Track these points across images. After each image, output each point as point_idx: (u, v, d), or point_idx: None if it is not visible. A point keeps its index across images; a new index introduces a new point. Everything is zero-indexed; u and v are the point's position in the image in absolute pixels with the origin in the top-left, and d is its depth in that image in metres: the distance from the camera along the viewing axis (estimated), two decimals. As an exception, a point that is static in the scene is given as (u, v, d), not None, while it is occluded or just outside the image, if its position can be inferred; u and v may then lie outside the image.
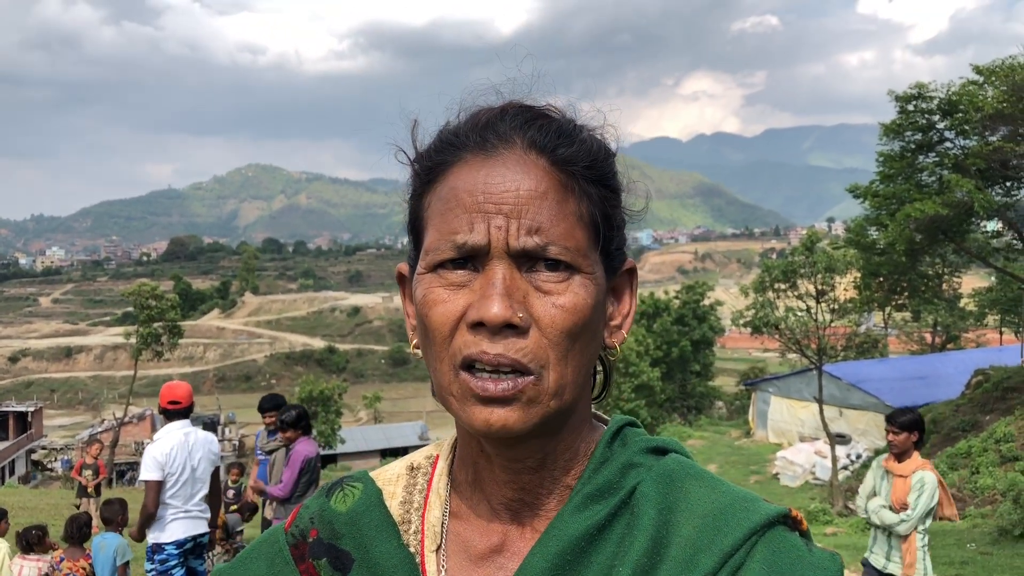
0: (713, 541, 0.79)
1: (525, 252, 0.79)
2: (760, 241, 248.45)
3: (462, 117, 0.89)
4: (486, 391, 0.77)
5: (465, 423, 0.79)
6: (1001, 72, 20.14)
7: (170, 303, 40.55)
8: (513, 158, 0.82)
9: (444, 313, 0.79)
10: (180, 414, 5.68)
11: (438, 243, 0.81)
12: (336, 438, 45.06)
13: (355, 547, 0.89)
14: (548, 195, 0.81)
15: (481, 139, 0.84)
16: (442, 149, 0.86)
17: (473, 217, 0.80)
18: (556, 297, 0.79)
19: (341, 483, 0.96)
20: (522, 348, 0.77)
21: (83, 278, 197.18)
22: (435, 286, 0.81)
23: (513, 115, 0.86)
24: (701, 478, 0.85)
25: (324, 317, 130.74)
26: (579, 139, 0.85)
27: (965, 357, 33.83)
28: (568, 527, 0.82)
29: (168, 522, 5.52)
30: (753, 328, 23.68)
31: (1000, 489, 15.32)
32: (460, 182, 0.82)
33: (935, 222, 20.56)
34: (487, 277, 0.78)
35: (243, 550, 0.97)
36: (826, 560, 0.79)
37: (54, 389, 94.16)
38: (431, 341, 0.81)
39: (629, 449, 0.88)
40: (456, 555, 0.88)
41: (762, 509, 0.81)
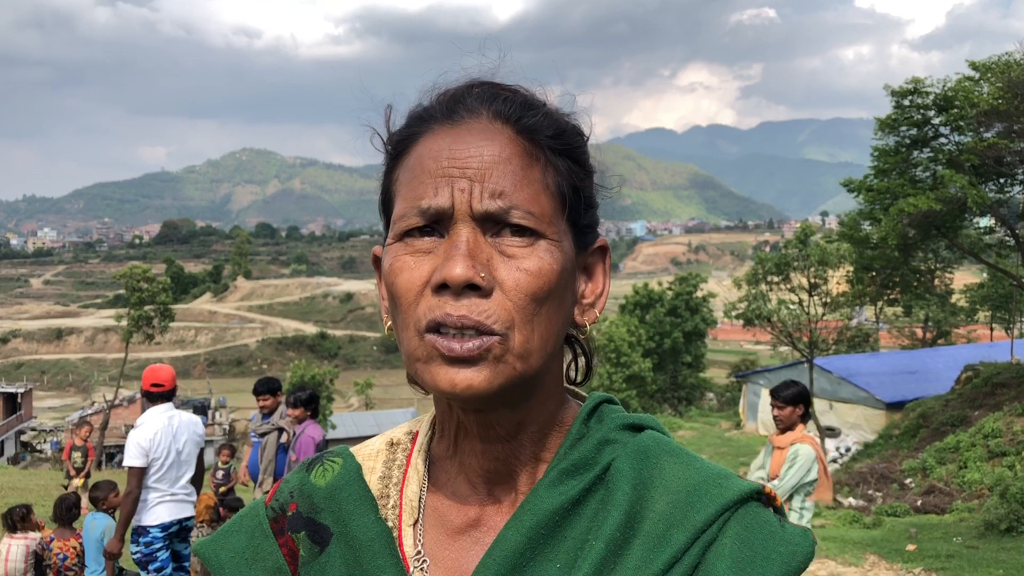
0: (686, 517, 0.79)
1: (489, 215, 0.79)
2: (754, 234, 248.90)
3: (432, 97, 0.89)
4: (451, 351, 0.76)
5: (431, 385, 0.79)
6: (997, 68, 20.15)
7: (162, 286, 40.45)
8: (479, 126, 0.83)
9: (409, 279, 0.80)
10: (163, 397, 5.63)
11: (404, 211, 0.81)
12: (327, 424, 45.07)
13: (334, 521, 0.90)
14: (512, 160, 0.81)
15: (448, 110, 0.85)
16: (409, 123, 0.87)
17: (438, 181, 0.80)
18: (520, 261, 0.79)
19: (321, 458, 0.96)
20: (485, 310, 0.77)
21: (75, 260, 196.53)
22: (402, 254, 0.81)
23: (480, 89, 0.87)
24: (676, 454, 0.85)
25: (316, 303, 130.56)
26: (544, 111, 0.86)
27: (955, 352, 33.98)
28: (543, 502, 0.83)
29: (153, 505, 5.49)
30: (745, 320, 23.73)
31: (987, 484, 15.42)
32: (425, 150, 0.83)
33: (928, 217, 20.60)
34: (451, 240, 0.79)
35: (225, 523, 0.98)
36: (798, 536, 0.80)
37: (44, 371, 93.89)
38: (398, 308, 0.81)
39: (605, 425, 0.88)
40: (433, 529, 0.88)
41: (735, 485, 0.81)
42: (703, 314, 47.78)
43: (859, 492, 18.77)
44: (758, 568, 0.77)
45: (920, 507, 15.79)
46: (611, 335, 40.51)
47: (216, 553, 0.93)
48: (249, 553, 0.92)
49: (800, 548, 0.79)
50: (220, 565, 0.92)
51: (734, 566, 0.77)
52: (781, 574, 0.77)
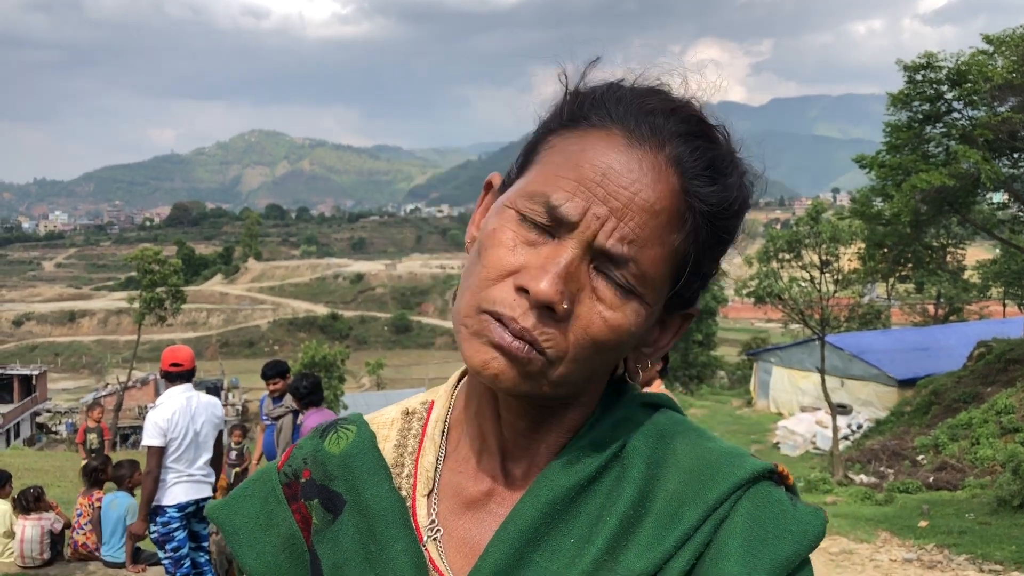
0: (698, 494, 0.79)
1: (605, 253, 0.76)
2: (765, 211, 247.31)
3: (637, 83, 0.84)
4: (502, 339, 0.76)
5: (465, 356, 0.78)
6: (1012, 42, 19.95)
7: (173, 268, 40.57)
8: (651, 160, 0.77)
9: (501, 259, 0.77)
10: (182, 377, 5.65)
11: (535, 190, 0.78)
12: (339, 404, 45.25)
13: (347, 489, 0.89)
14: (660, 216, 0.77)
15: (637, 121, 0.79)
16: (596, 107, 0.81)
17: (580, 189, 0.76)
18: (606, 309, 0.77)
19: (335, 425, 0.96)
20: (547, 333, 0.75)
21: (86, 243, 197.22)
22: (508, 228, 0.78)
23: (681, 119, 0.80)
24: (689, 434, 0.86)
25: (327, 284, 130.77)
26: (725, 182, 0.81)
27: (968, 329, 33.83)
28: (559, 478, 0.83)
29: (170, 485, 5.52)
30: (756, 298, 23.64)
31: (1000, 460, 15.38)
32: (591, 150, 0.78)
33: (941, 193, 20.46)
34: (556, 251, 0.76)
35: (236, 487, 0.97)
36: (809, 515, 0.80)
37: (58, 353, 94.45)
38: (475, 273, 0.79)
39: (624, 405, 0.88)
40: (447, 499, 0.88)
41: (747, 464, 0.81)
42: (713, 292, 47.62)
43: (871, 469, 18.77)
44: (769, 546, 0.77)
45: (932, 484, 15.78)
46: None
47: (230, 518, 0.93)
48: (263, 519, 0.92)
49: (811, 526, 0.79)
50: (234, 530, 0.92)
51: (745, 544, 0.77)
52: (792, 552, 0.77)
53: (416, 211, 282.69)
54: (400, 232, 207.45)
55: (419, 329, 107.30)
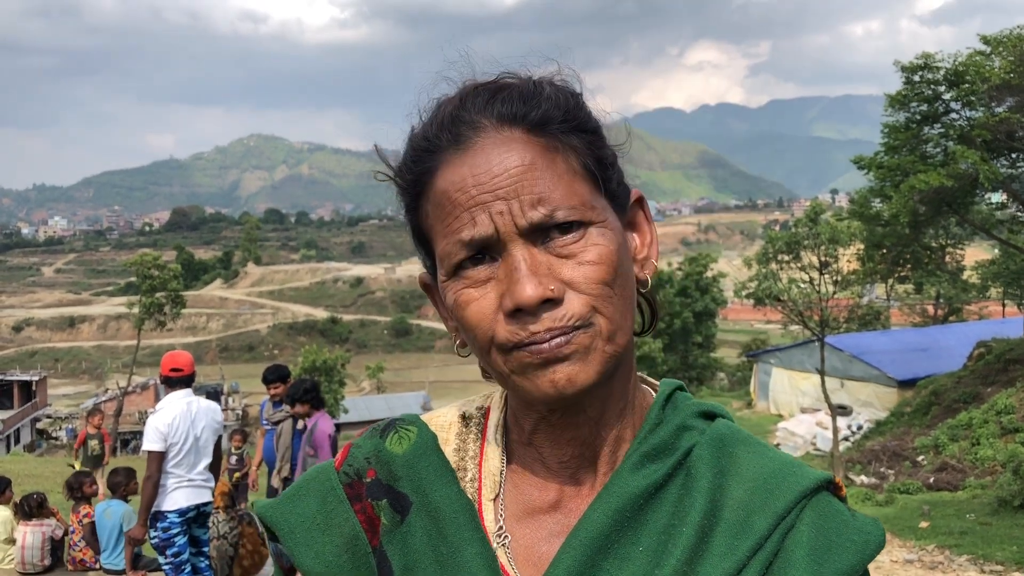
0: (766, 504, 0.82)
1: (534, 226, 0.78)
2: (764, 213, 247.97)
3: (423, 117, 0.87)
4: (542, 352, 0.77)
5: (531, 394, 0.79)
6: (1009, 42, 19.96)
7: (172, 273, 40.58)
8: (490, 142, 0.80)
9: (479, 310, 0.79)
10: (182, 382, 5.66)
11: (448, 248, 0.80)
12: (339, 408, 45.25)
13: (413, 490, 0.89)
14: (536, 163, 0.79)
15: (453, 136, 0.82)
16: (418, 159, 0.84)
17: (472, 212, 0.78)
18: (580, 256, 0.79)
19: (394, 424, 0.95)
20: (563, 315, 0.77)
21: (85, 248, 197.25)
22: (461, 288, 0.80)
23: (474, 98, 0.83)
24: (749, 443, 0.88)
25: (327, 288, 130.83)
26: (544, 96, 0.83)
27: (967, 329, 33.85)
28: (627, 484, 0.84)
29: (170, 491, 5.52)
30: (756, 299, 23.64)
31: (1000, 460, 15.39)
32: (447, 183, 0.80)
33: (939, 194, 20.47)
34: (508, 264, 0.78)
35: (290, 487, 0.95)
36: (869, 524, 0.83)
37: (58, 359, 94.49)
38: (474, 339, 0.81)
39: (681, 412, 0.90)
40: (514, 506, 0.88)
41: (810, 474, 0.84)
42: (713, 294, 47.73)
43: (871, 470, 18.77)
44: (834, 555, 0.80)
45: (933, 484, 15.78)
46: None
47: (285, 517, 0.90)
48: (321, 519, 0.89)
49: (872, 536, 0.82)
50: (290, 530, 0.90)
51: (811, 553, 0.79)
52: (855, 561, 0.80)
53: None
54: (400, 236, 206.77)
55: (419, 332, 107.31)
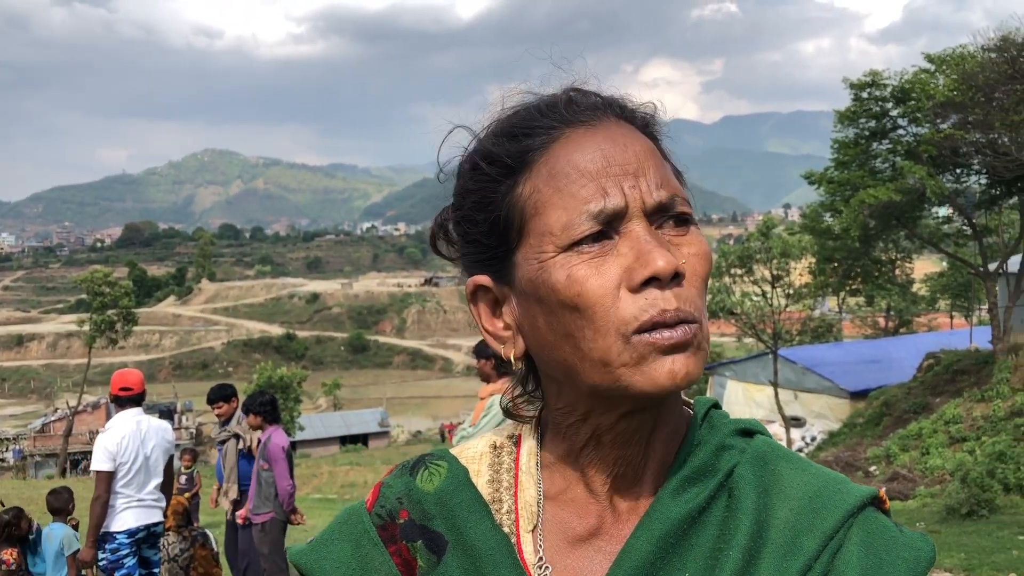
0: (814, 524, 0.79)
1: (660, 205, 0.78)
2: (718, 227, 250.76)
3: (512, 112, 0.86)
4: (670, 339, 0.75)
5: (643, 385, 0.76)
6: (952, 61, 20.50)
7: (124, 290, 40.00)
8: (614, 126, 0.82)
9: (601, 284, 0.76)
10: (132, 401, 5.58)
11: (569, 218, 0.77)
12: (295, 425, 44.76)
13: (447, 528, 0.86)
14: (654, 154, 0.82)
15: (573, 113, 0.83)
16: (530, 132, 0.82)
17: (604, 183, 0.77)
18: (688, 247, 0.79)
19: (424, 461, 0.93)
20: (687, 298, 0.76)
21: (34, 265, 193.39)
22: (576, 263, 0.77)
23: (583, 94, 0.86)
24: (791, 460, 0.85)
25: (282, 304, 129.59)
26: (645, 109, 0.87)
27: (917, 341, 34.46)
28: (670, 509, 0.81)
29: (120, 511, 5.43)
30: (710, 313, 23.92)
31: (949, 469, 15.67)
32: (576, 155, 0.79)
33: (888, 208, 20.90)
34: (633, 236, 0.77)
35: (322, 531, 0.92)
36: (918, 540, 0.80)
37: (5, 378, 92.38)
38: (589, 318, 0.76)
39: (720, 431, 0.87)
40: (553, 536, 0.86)
41: (855, 491, 0.82)
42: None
43: (825, 480, 18.99)
44: (885, 572, 0.77)
45: (885, 494, 16.02)
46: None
47: (319, 563, 0.88)
48: (356, 563, 0.87)
49: (923, 553, 0.79)
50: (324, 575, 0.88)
51: (862, 572, 0.77)
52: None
53: (372, 229, 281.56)
54: (356, 251, 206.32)
55: (376, 348, 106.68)
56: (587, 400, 0.82)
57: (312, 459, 47.59)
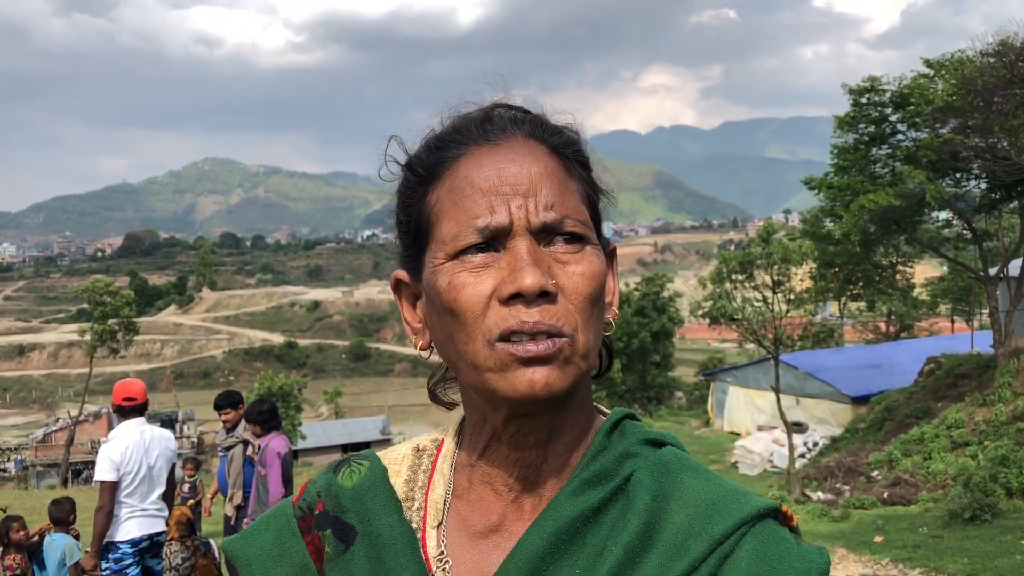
0: (704, 528, 0.82)
1: (545, 226, 0.83)
2: (718, 233, 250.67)
3: (445, 123, 0.93)
4: (528, 352, 0.79)
5: (503, 392, 0.81)
6: (951, 65, 20.52)
7: (125, 299, 39.97)
8: (518, 146, 0.87)
9: (475, 294, 0.82)
10: (135, 411, 5.59)
11: (458, 230, 0.84)
12: (297, 434, 44.71)
13: (359, 521, 0.93)
14: (555, 175, 0.87)
15: (483, 131, 0.89)
16: (443, 147, 0.89)
17: (492, 200, 0.84)
18: (575, 266, 0.84)
19: (348, 461, 1.00)
20: (555, 313, 0.81)
21: (35, 275, 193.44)
22: (459, 271, 0.83)
23: (503, 111, 0.92)
24: (696, 470, 0.88)
25: (283, 312, 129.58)
26: (563, 129, 0.93)
27: (918, 345, 34.49)
28: (564, 509, 0.85)
29: (123, 521, 5.44)
30: (711, 319, 23.89)
31: (951, 474, 15.67)
32: (473, 171, 0.86)
33: (888, 213, 20.91)
34: (512, 253, 0.82)
35: (252, 523, 1.00)
36: (813, 553, 0.82)
37: (7, 388, 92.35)
38: (462, 323, 0.83)
39: (627, 439, 0.91)
40: (455, 532, 0.91)
41: (753, 502, 0.84)
42: (670, 314, 48.07)
43: (827, 486, 18.98)
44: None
45: (887, 499, 15.99)
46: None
47: (243, 550, 0.96)
48: (276, 550, 0.94)
49: (815, 564, 0.80)
50: (248, 562, 0.95)
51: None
52: None
53: (373, 237, 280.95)
54: (357, 259, 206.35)
55: (378, 356, 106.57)
56: (478, 399, 0.88)
57: (314, 467, 47.46)
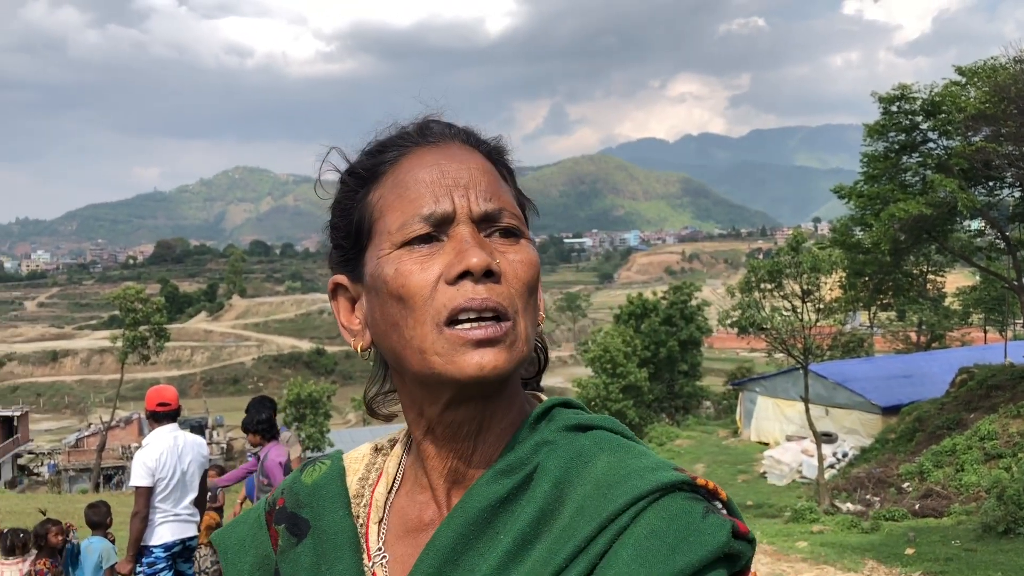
0: (596, 507, 0.80)
1: (486, 215, 0.88)
2: (747, 241, 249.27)
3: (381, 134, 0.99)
4: (477, 335, 0.83)
5: (454, 373, 0.84)
6: (983, 73, 20.32)
7: (156, 306, 40.48)
8: (455, 146, 0.94)
9: (423, 278, 0.85)
10: (168, 417, 5.67)
11: (404, 219, 0.88)
12: (325, 440, 44.98)
13: (313, 516, 0.99)
14: (490, 173, 0.93)
15: (422, 135, 0.95)
16: (383, 149, 0.95)
17: (436, 191, 0.88)
18: (513, 254, 0.89)
19: (314, 460, 1.06)
20: (501, 292, 0.85)
21: (69, 282, 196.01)
22: (405, 260, 0.87)
23: (436, 122, 0.98)
24: (615, 451, 0.87)
25: (312, 319, 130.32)
26: (490, 139, 0.99)
27: (950, 356, 34.03)
28: (473, 500, 0.88)
29: (156, 525, 5.51)
30: (739, 328, 23.76)
31: (984, 486, 15.48)
32: (415, 167, 0.91)
33: (919, 222, 20.72)
34: (457, 238, 0.87)
35: (236, 516, 1.09)
36: (714, 526, 0.78)
37: (40, 393, 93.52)
38: (410, 308, 0.86)
39: (549, 428, 0.92)
40: (395, 527, 0.96)
41: (655, 477, 0.81)
42: (698, 323, 47.84)
43: (857, 497, 18.80)
44: (663, 556, 0.76)
45: (918, 511, 15.83)
46: (606, 345, 40.51)
47: (224, 539, 1.05)
48: (249, 540, 1.03)
49: (712, 537, 0.77)
50: (225, 550, 1.04)
51: (636, 554, 0.77)
52: (686, 563, 0.76)
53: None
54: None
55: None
56: (415, 390, 0.91)
57: (341, 474, 47.71)
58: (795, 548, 11.80)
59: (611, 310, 53.05)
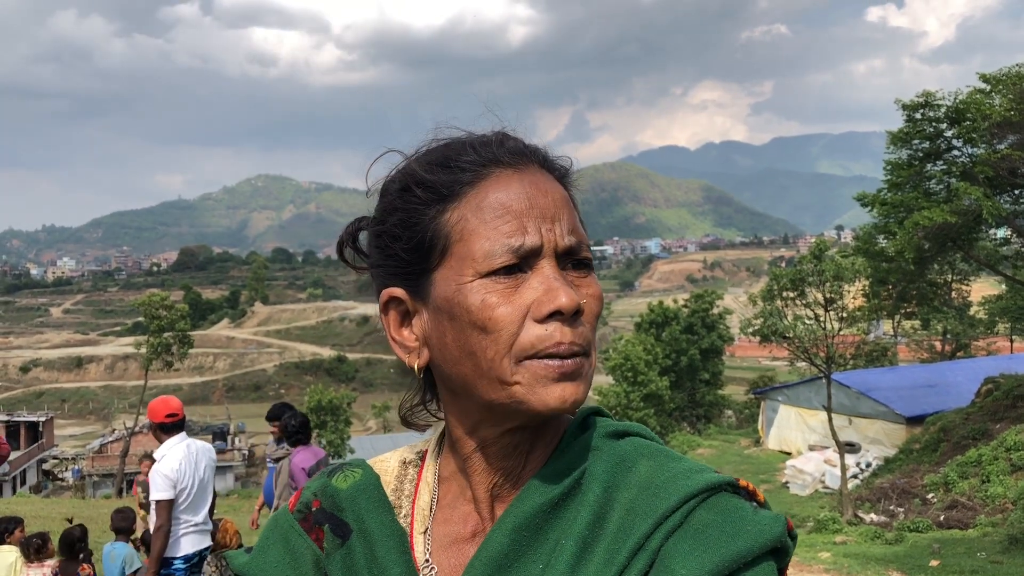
0: (649, 506, 0.84)
1: (568, 249, 0.89)
2: (769, 249, 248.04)
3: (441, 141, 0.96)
4: (563, 368, 0.85)
5: (536, 405, 0.85)
6: (1008, 80, 20.12)
7: (180, 313, 40.74)
8: (537, 173, 0.92)
9: (509, 312, 0.85)
10: (177, 427, 5.65)
11: (491, 248, 0.86)
12: (346, 447, 45.10)
13: (354, 519, 0.98)
14: (568, 203, 0.92)
15: (502, 155, 0.92)
16: (460, 167, 0.91)
17: (525, 222, 0.87)
18: (586, 289, 0.89)
19: (342, 467, 1.05)
20: (582, 333, 0.87)
21: (94, 288, 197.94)
22: (491, 290, 0.86)
23: (514, 140, 0.95)
24: (655, 456, 0.91)
25: (333, 326, 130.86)
26: (562, 160, 0.99)
27: (975, 365, 33.67)
28: (523, 505, 0.89)
29: (179, 536, 5.50)
30: (761, 337, 23.61)
31: (1011, 497, 15.28)
32: (502, 193, 0.89)
33: (943, 230, 20.51)
34: (543, 274, 0.87)
35: (258, 541, 1.04)
36: (769, 519, 0.83)
37: (65, 399, 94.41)
38: (494, 340, 0.85)
39: (589, 435, 0.94)
40: (439, 538, 0.96)
41: (705, 477, 0.86)
42: (720, 331, 47.64)
43: (880, 508, 18.62)
44: (722, 544, 0.80)
45: (943, 522, 15.65)
46: (627, 353, 40.40)
47: (262, 568, 1.00)
48: (289, 557, 0.99)
49: (768, 527, 0.82)
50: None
51: (697, 544, 0.81)
52: (743, 548, 0.80)
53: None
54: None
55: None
56: (478, 414, 0.91)
57: (362, 481, 47.79)
58: (818, 559, 11.70)
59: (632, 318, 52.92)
